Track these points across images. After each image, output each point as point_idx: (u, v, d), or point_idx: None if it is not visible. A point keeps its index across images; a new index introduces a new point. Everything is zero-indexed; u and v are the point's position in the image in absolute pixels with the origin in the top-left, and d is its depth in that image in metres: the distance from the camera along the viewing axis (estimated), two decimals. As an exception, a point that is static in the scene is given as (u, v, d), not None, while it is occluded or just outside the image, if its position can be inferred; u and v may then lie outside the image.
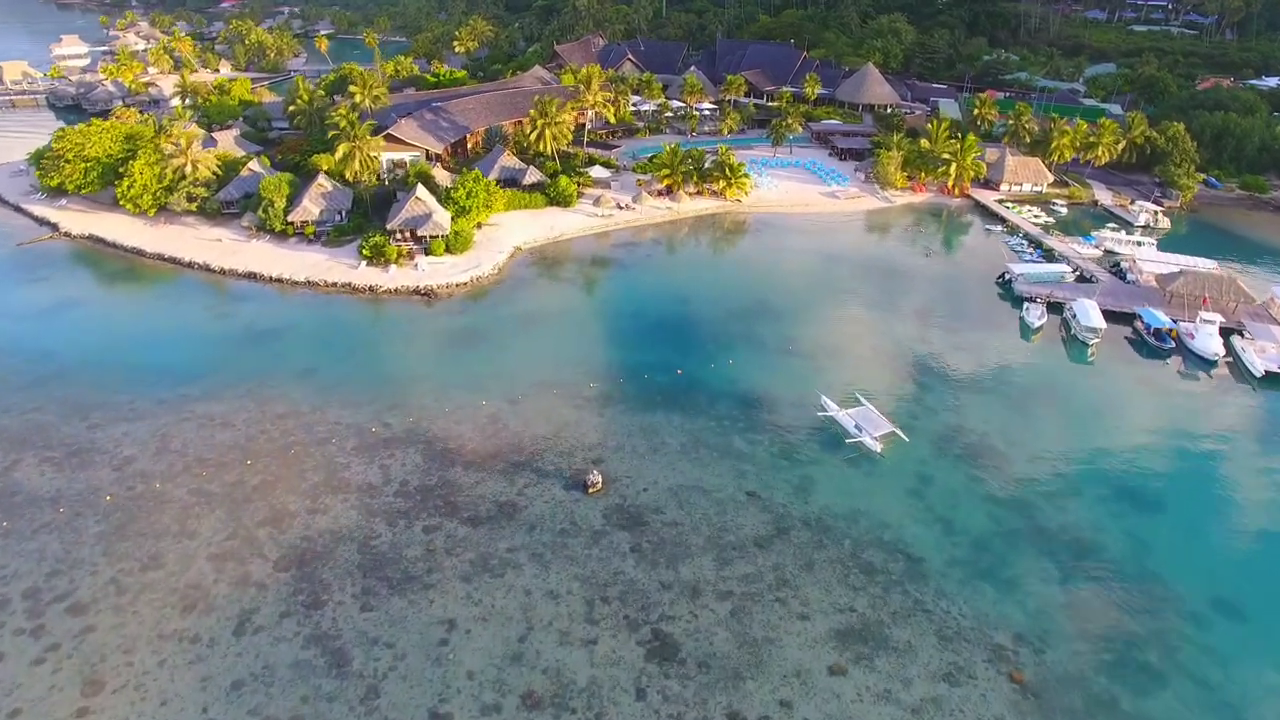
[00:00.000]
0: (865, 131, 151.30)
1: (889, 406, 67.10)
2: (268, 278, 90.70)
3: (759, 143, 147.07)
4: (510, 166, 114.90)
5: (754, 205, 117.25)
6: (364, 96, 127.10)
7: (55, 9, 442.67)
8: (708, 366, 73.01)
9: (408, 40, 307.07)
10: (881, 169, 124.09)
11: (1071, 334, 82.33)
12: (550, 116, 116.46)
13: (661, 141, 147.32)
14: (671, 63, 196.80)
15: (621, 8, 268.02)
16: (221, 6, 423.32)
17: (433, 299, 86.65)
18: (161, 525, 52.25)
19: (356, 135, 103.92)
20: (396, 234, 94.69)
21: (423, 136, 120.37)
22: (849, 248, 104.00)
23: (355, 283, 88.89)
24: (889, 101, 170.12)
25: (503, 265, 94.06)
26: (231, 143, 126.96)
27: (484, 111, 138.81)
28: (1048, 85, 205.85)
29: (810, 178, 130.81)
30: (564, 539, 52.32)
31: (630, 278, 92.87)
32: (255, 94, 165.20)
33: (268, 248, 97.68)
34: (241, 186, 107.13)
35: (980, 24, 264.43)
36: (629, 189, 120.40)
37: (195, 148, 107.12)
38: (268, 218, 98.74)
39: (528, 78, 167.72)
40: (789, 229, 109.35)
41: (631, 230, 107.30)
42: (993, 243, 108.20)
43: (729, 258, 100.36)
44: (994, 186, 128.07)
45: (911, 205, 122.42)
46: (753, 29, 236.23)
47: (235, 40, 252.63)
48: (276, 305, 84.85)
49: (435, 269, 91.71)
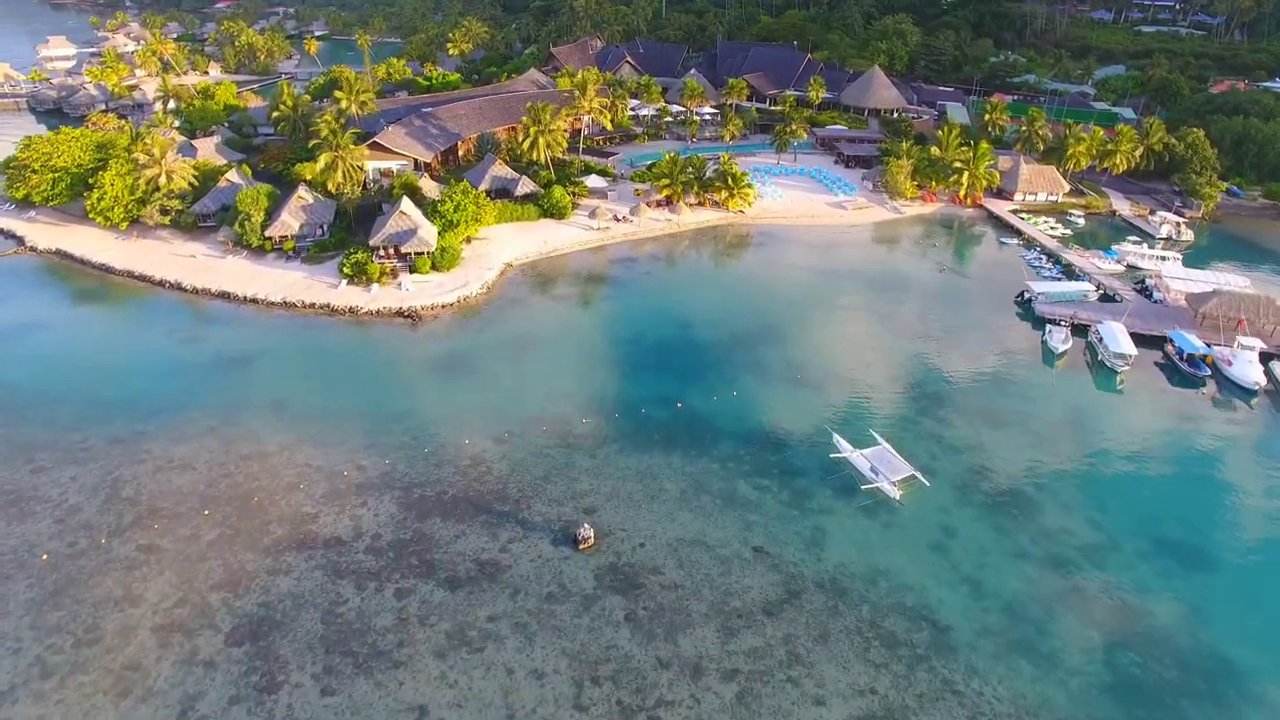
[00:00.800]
0: (872, 138, 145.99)
1: (907, 444, 61.77)
2: (242, 298, 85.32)
3: (762, 149, 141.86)
4: (502, 176, 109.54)
5: (758, 217, 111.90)
6: (350, 102, 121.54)
7: (50, 9, 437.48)
8: (710, 399, 67.70)
9: (403, 42, 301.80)
10: (891, 178, 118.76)
11: (1098, 359, 76.99)
12: (544, 124, 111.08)
13: (661, 148, 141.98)
14: (671, 65, 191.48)
15: (620, 8, 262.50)
16: (216, 7, 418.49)
17: (417, 321, 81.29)
18: (103, 590, 46.91)
19: (339, 144, 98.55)
20: (379, 250, 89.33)
21: (411, 145, 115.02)
22: (858, 263, 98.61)
23: (335, 304, 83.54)
24: (895, 106, 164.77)
25: (492, 284, 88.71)
26: (212, 150, 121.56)
27: (476, 117, 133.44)
28: (1056, 88, 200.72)
29: (816, 187, 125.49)
30: (551, 605, 47.00)
31: (627, 297, 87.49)
32: (241, 98, 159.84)
33: (244, 264, 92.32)
34: (219, 198, 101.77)
35: (986, 25, 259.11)
36: (627, 199, 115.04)
37: (170, 157, 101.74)
38: (244, 233, 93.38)
39: (523, 81, 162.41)
40: (795, 242, 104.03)
41: (629, 244, 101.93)
42: (1009, 257, 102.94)
43: (732, 274, 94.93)
44: (1007, 196, 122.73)
45: (922, 216, 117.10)
46: (754, 30, 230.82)
47: (225, 42, 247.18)
48: (250, 329, 79.48)
49: (420, 288, 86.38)
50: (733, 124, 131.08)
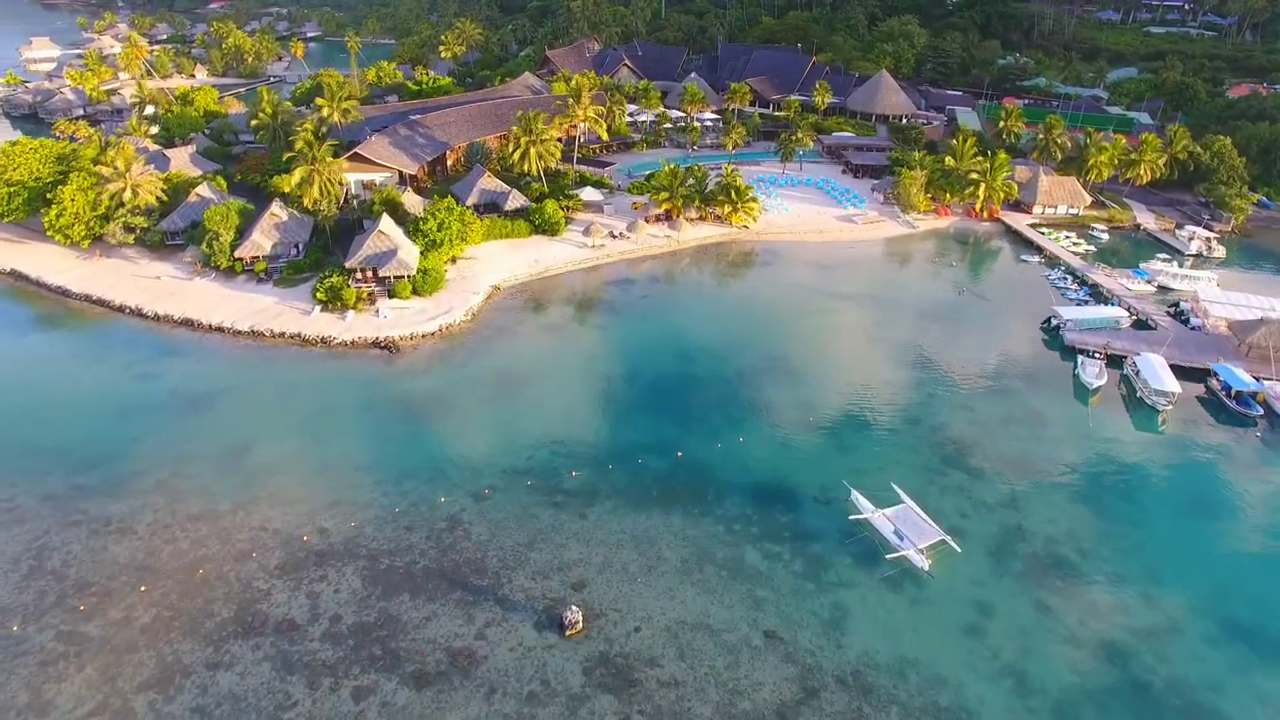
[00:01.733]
0: (880, 145, 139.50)
1: (933, 500, 55.36)
2: (207, 326, 78.85)
3: (766, 158, 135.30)
4: (490, 190, 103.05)
5: (763, 232, 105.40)
6: (332, 110, 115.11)
7: (42, 9, 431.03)
8: (713, 446, 61.25)
9: (397, 43, 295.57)
10: (903, 190, 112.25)
11: (1136, 395, 70.54)
12: (536, 134, 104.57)
13: (660, 157, 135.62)
14: (671, 68, 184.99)
15: (619, 9, 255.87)
16: (210, 7, 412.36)
17: (394, 353, 74.79)
18: (6, 694, 40.42)
19: (315, 157, 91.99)
20: (356, 273, 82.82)
21: (395, 155, 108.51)
22: (871, 284, 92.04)
23: (306, 333, 77.04)
24: (904, 112, 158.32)
25: (477, 310, 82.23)
26: (186, 161, 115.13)
27: (466, 125, 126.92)
28: (1068, 92, 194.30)
29: (823, 198, 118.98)
30: (533, 708, 40.58)
31: (623, 326, 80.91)
32: (222, 103, 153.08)
33: (211, 288, 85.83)
34: (188, 215, 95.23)
35: (992, 26, 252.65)
36: (624, 213, 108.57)
37: (136, 170, 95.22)
38: (212, 253, 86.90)
39: (516, 85, 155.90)
40: (803, 261, 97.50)
41: (626, 263, 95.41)
42: (1031, 275, 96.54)
43: (736, 299, 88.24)
44: (1026, 209, 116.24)
45: (936, 230, 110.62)
46: (756, 32, 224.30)
47: (213, 44, 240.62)
48: (212, 361, 72.98)
49: (400, 315, 79.92)
50: (735, 132, 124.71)
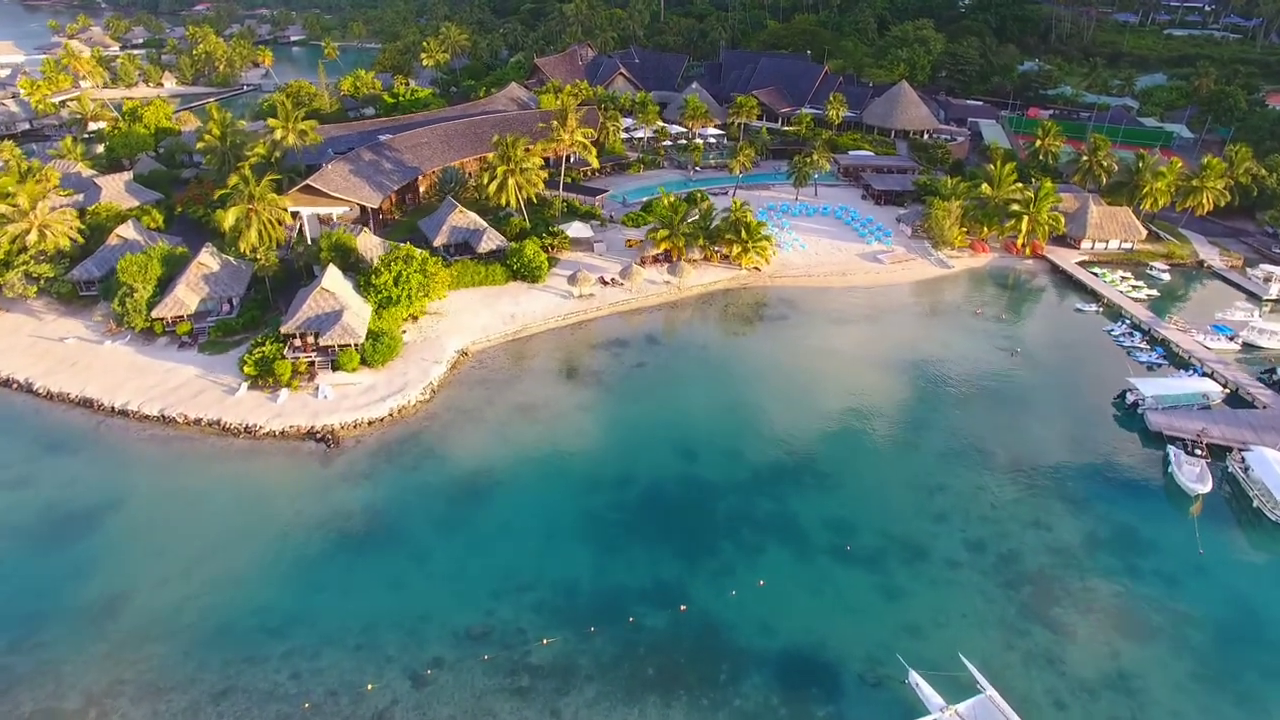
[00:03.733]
0: (902, 166, 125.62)
1: (1014, 677, 41.86)
2: (108, 408, 65.06)
3: (777, 180, 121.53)
4: (462, 227, 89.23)
5: (776, 275, 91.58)
6: (287, 131, 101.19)
7: (23, 9, 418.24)
8: (725, 594, 47.57)
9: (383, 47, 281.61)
10: (935, 224, 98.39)
11: (1253, 505, 56.83)
12: (515, 162, 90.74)
13: (658, 180, 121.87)
14: (670, 77, 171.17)
15: (615, 12, 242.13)
16: (195, 9, 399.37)
17: (332, 447, 61.01)
18: None
19: (254, 194, 78.21)
20: (294, 339, 69.00)
21: (356, 186, 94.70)
22: (907, 346, 77.95)
23: (227, 419, 63.21)
24: (926, 127, 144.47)
25: (438, 385, 68.40)
26: (121, 190, 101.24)
27: (441, 146, 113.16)
28: (1096, 101, 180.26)
29: (843, 230, 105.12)
30: None
31: (612, 408, 66.83)
32: (177, 119, 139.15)
33: (124, 354, 72.05)
34: (106, 260, 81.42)
35: (1008, 29, 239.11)
36: (617, 250, 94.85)
37: (45, 207, 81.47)
38: (125, 312, 73.04)
39: (501, 98, 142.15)
40: (824, 315, 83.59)
41: (619, 318, 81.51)
42: (1091, 331, 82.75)
43: (748, 370, 73.45)
44: (1073, 243, 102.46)
45: (973, 270, 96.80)
46: (760, 37, 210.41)
47: (185, 49, 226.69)
48: (106, 461, 59.29)
49: (344, 393, 66.12)
50: (743, 154, 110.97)
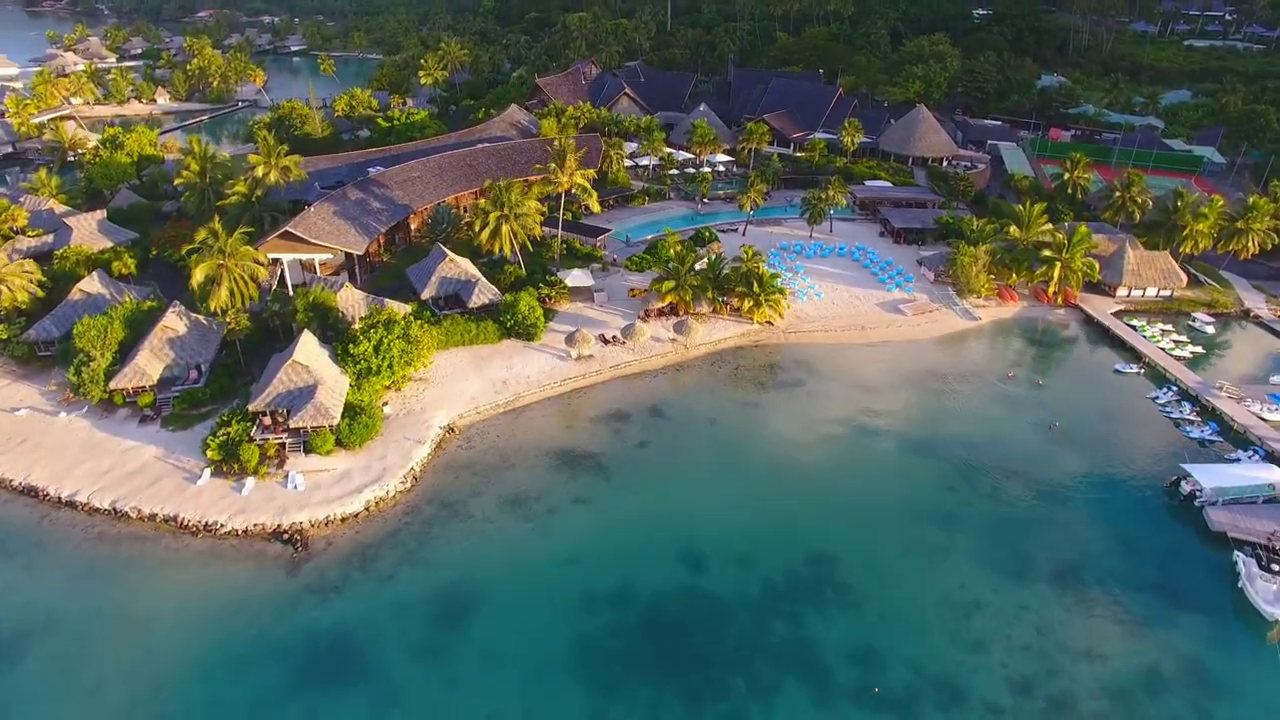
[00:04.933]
0: (923, 199, 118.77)
1: None
2: (55, 499, 58.98)
3: (789, 214, 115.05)
4: (453, 278, 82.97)
5: (791, 329, 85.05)
6: (269, 168, 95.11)
7: (25, 15, 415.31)
8: (740, 756, 41.03)
9: (384, 58, 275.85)
10: (961, 272, 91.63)
11: (1335, 632, 50.15)
12: (510, 207, 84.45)
13: (664, 213, 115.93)
14: (677, 97, 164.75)
15: (621, 23, 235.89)
16: (198, 16, 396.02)
17: (300, 551, 54.76)
18: None
19: (225, 249, 72.06)
20: (263, 417, 62.79)
21: (339, 230, 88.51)
22: (932, 419, 71.25)
23: (185, 514, 57.03)
24: (945, 154, 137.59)
25: (420, 471, 62.08)
26: (94, 230, 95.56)
27: (434, 180, 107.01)
28: (1120, 121, 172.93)
29: (860, 274, 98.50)
30: None
31: (609, 501, 60.25)
32: (161, 146, 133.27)
33: (79, 429, 66.00)
34: (67, 317, 75.32)
35: (1025, 42, 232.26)
36: (619, 300, 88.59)
37: (0, 259, 75.48)
38: (81, 382, 66.92)
39: (500, 122, 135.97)
40: (842, 379, 76.92)
41: (620, 385, 74.97)
42: (1134, 398, 75.93)
43: (759, 450, 66.42)
44: (1108, 290, 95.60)
45: (1001, 322, 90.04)
46: (771, 52, 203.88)
47: (181, 62, 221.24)
48: (45, 567, 53.27)
49: (315, 482, 59.89)
50: (754, 190, 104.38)
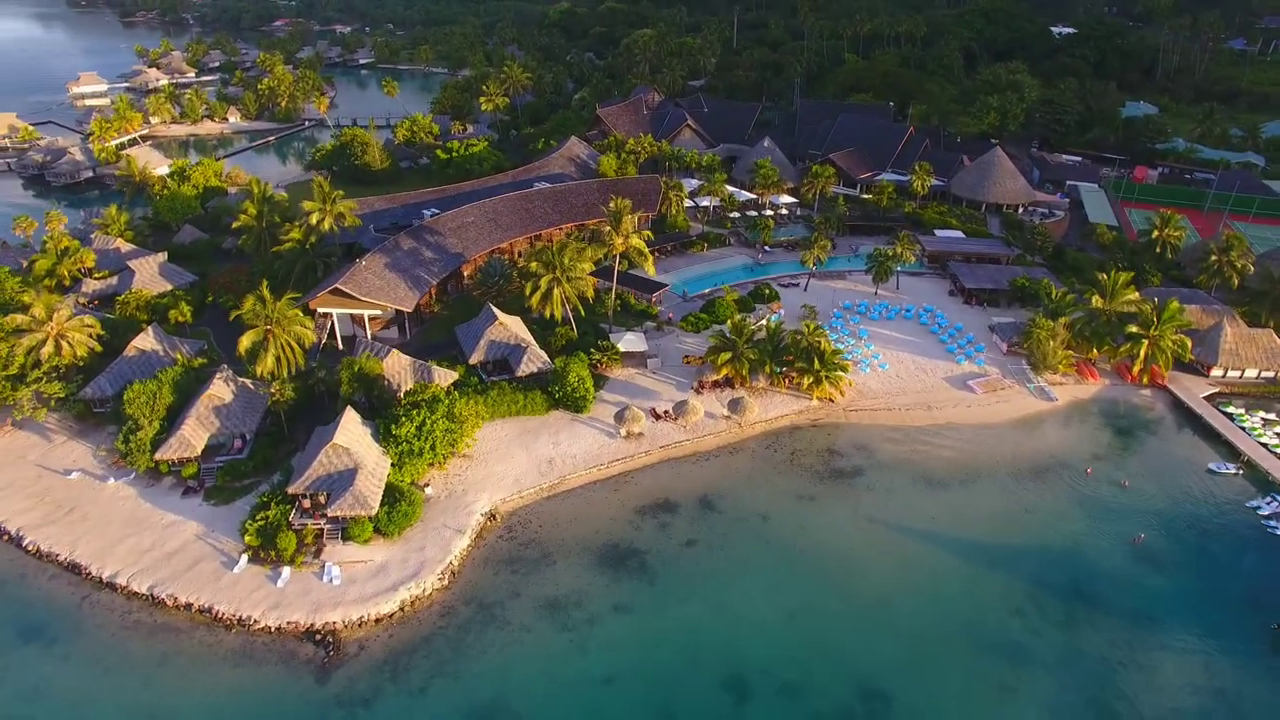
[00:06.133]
0: (995, 254, 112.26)
1: None
2: (96, 578, 58.62)
3: (854, 266, 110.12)
4: (502, 342, 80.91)
5: (851, 405, 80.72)
6: (323, 214, 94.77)
7: (120, 26, 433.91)
8: None
9: (448, 72, 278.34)
10: (1039, 347, 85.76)
11: None
12: (561, 270, 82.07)
13: (723, 262, 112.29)
14: (740, 128, 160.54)
15: (686, 41, 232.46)
16: (275, 25, 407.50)
17: (332, 654, 53.09)
18: None
19: (271, 315, 71.29)
20: (302, 500, 61.51)
21: (390, 286, 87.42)
22: (1002, 526, 65.78)
23: (220, 607, 55.97)
24: (1021, 200, 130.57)
25: (459, 564, 59.98)
26: (155, 273, 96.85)
27: (488, 226, 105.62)
28: (1215, 158, 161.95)
29: (927, 340, 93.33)
30: None
31: (654, 614, 56.48)
32: (226, 178, 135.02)
33: (125, 498, 65.88)
34: (122, 375, 75.71)
35: (1109, 65, 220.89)
36: (673, 365, 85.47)
37: (63, 316, 76.23)
38: (129, 450, 66.78)
39: (558, 158, 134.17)
40: (904, 469, 72.25)
41: (670, 469, 71.66)
42: (1229, 503, 69.44)
43: (812, 555, 60.71)
44: (1201, 368, 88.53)
45: (1079, 403, 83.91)
46: (838, 77, 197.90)
47: (254, 78, 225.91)
48: (80, 662, 52.69)
49: (351, 574, 58.26)
50: (818, 246, 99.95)
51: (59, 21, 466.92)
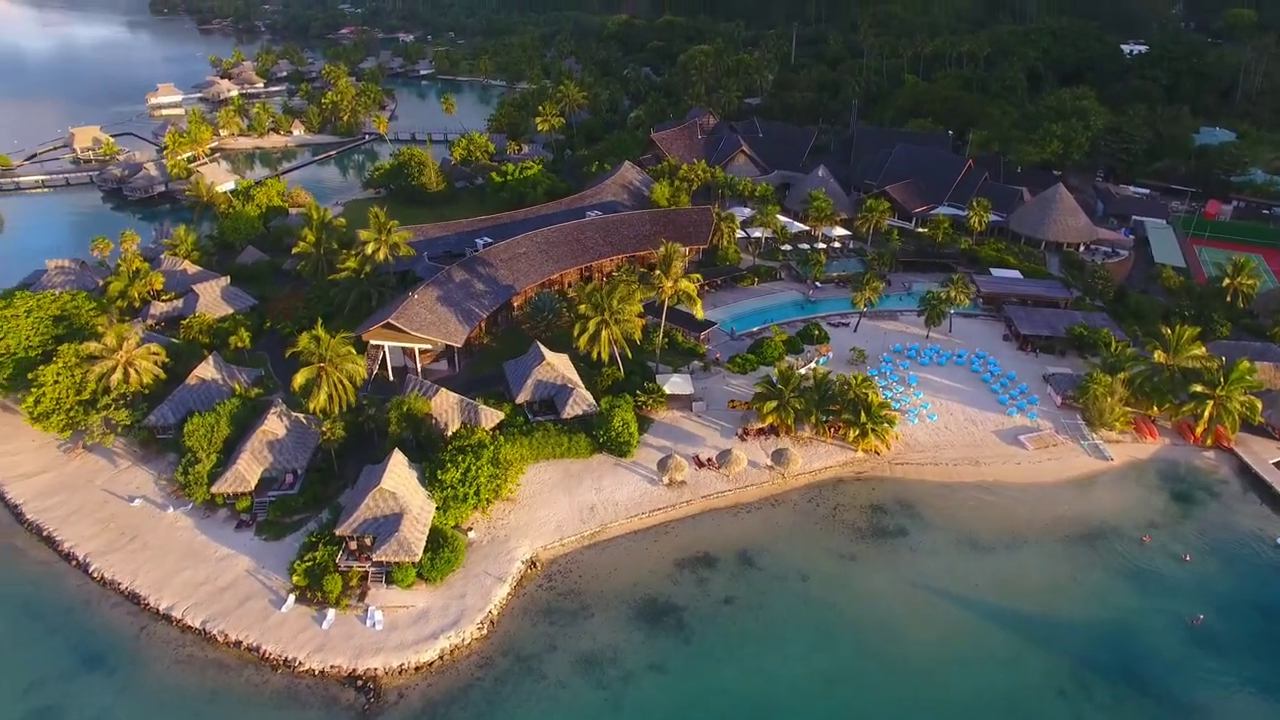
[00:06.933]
0: (1053, 297, 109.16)
1: None
2: (154, 609, 60.99)
3: (906, 306, 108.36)
4: (548, 383, 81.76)
5: (898, 459, 79.53)
6: (379, 245, 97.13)
7: (199, 34, 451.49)
8: None
9: (506, 85, 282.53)
10: (1095, 404, 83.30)
11: None
12: (609, 312, 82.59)
13: (774, 297, 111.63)
14: (795, 154, 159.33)
15: (743, 58, 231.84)
16: (341, 33, 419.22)
17: (373, 701, 54.33)
18: None
19: (326, 355, 73.28)
20: (348, 543, 63.09)
21: (441, 320, 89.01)
22: (1049, 592, 63.85)
23: (267, 646, 57.77)
24: (1084, 239, 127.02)
25: (498, 613, 60.82)
26: (217, 298, 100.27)
27: (540, 257, 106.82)
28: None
29: (978, 389, 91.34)
30: None
31: (689, 676, 56.18)
32: (288, 197, 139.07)
33: (183, 529, 68.43)
34: (184, 403, 78.69)
35: (1182, 88, 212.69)
36: (718, 409, 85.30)
37: (132, 344, 79.48)
38: (187, 482, 69.37)
39: (611, 185, 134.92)
40: (950, 529, 70.86)
41: (711, 520, 71.52)
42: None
43: (852, 620, 59.29)
44: (1273, 433, 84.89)
45: (1138, 465, 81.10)
46: (897, 101, 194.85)
47: (316, 93, 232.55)
48: (137, 694, 54.88)
49: (394, 620, 59.54)
50: (870, 288, 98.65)
51: (143, 29, 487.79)
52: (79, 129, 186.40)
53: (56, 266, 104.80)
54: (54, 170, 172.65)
